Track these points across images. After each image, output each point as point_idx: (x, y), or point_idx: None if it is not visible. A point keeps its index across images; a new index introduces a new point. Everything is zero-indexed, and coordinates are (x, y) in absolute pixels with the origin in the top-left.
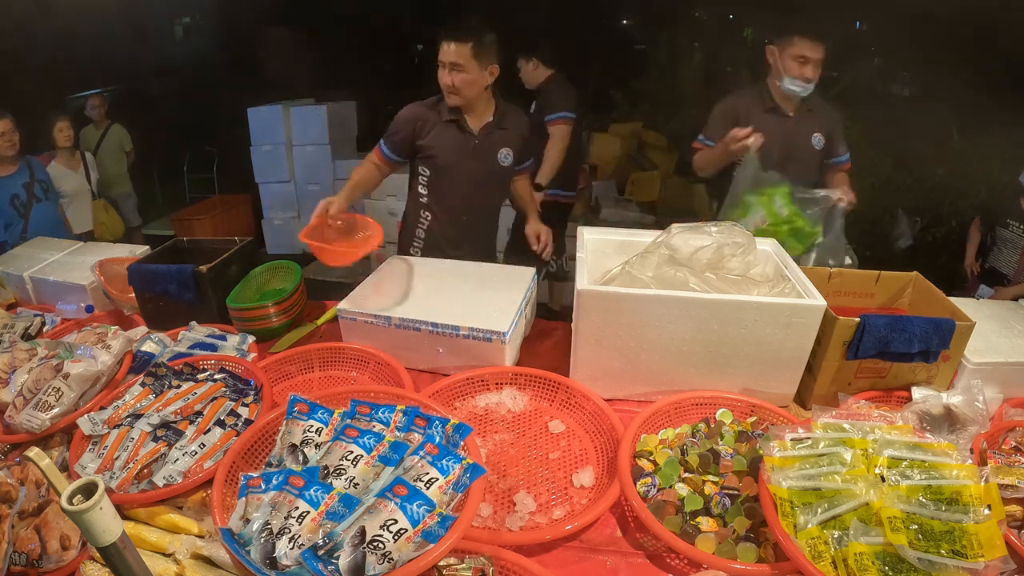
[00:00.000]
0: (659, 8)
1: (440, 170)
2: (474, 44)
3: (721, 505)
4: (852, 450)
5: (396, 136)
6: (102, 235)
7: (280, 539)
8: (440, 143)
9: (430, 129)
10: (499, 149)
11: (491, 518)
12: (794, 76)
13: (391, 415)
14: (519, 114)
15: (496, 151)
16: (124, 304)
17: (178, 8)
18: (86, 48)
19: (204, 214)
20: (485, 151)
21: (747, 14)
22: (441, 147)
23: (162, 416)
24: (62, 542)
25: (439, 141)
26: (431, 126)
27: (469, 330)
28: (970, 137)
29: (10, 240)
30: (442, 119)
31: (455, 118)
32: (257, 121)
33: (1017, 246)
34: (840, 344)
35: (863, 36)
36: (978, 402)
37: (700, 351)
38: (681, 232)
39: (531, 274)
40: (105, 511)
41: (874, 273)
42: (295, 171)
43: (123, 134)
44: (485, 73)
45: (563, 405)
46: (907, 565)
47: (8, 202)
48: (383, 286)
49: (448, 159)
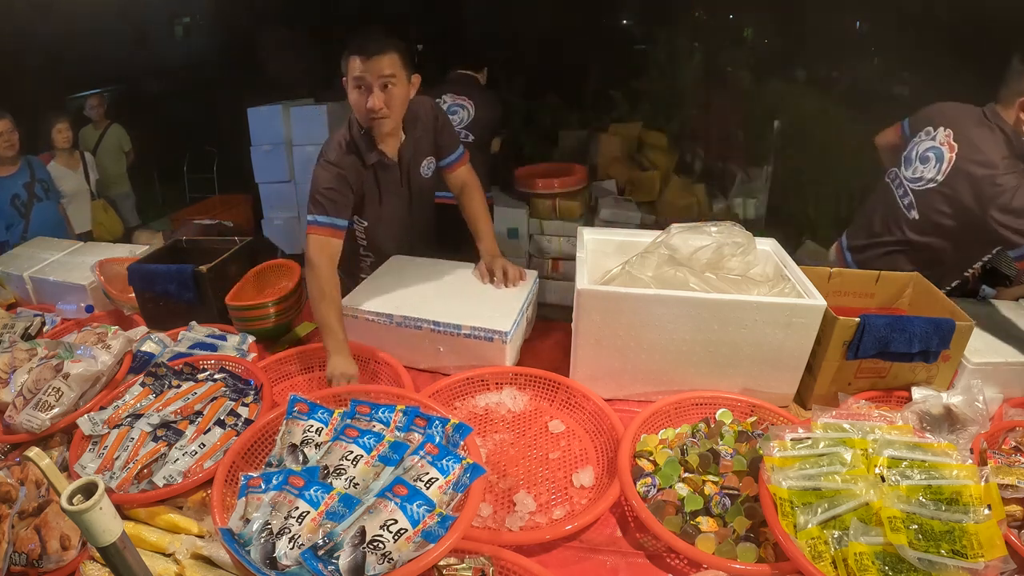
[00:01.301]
0: (659, 8)
1: (377, 215)
2: (402, 52)
3: (721, 505)
4: (852, 450)
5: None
6: (101, 235)
7: (280, 539)
8: (373, 190)
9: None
10: (419, 164)
11: (491, 518)
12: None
13: (391, 415)
14: (418, 106)
15: (418, 167)
16: (124, 304)
17: (178, 8)
18: (86, 48)
19: (204, 214)
20: (409, 174)
21: (747, 14)
22: (375, 194)
23: (162, 416)
24: (62, 542)
25: (371, 188)
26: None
27: (471, 329)
28: None
29: (11, 240)
30: (367, 163)
31: (376, 159)
32: (257, 121)
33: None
34: (840, 344)
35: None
36: (978, 402)
37: (700, 351)
38: (681, 232)
39: (532, 276)
40: (105, 511)
41: (874, 273)
42: (295, 171)
43: (122, 134)
44: (411, 86)
45: (563, 405)
46: (907, 565)
47: (9, 202)
48: (383, 285)
49: (385, 201)
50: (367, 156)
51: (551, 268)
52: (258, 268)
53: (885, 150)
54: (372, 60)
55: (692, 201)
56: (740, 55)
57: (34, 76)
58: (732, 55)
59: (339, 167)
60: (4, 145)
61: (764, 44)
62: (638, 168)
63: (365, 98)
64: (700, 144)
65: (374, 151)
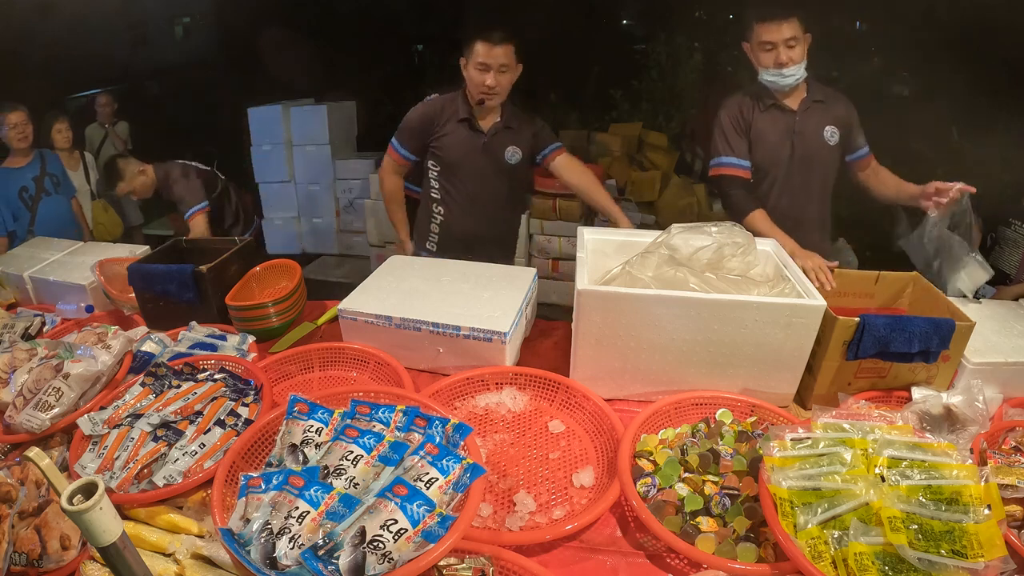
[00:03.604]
0: (659, 8)
1: (449, 165)
2: (516, 44)
3: (721, 505)
4: (852, 450)
5: (412, 135)
6: (101, 235)
7: (280, 539)
8: (451, 140)
9: (443, 126)
10: (506, 147)
11: (491, 518)
12: (768, 67)
13: (391, 415)
14: (524, 117)
15: (503, 150)
16: (124, 304)
17: (178, 8)
18: (85, 48)
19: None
20: (492, 149)
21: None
22: (452, 144)
23: (162, 416)
24: (62, 542)
25: (450, 139)
26: (444, 124)
27: (470, 330)
28: (970, 137)
29: (19, 231)
30: (457, 117)
31: (467, 116)
32: (257, 121)
33: (1018, 245)
34: (840, 344)
35: (863, 36)
36: (978, 402)
37: (700, 351)
38: (681, 232)
39: (532, 274)
40: (105, 511)
41: (874, 273)
42: (295, 171)
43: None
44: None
45: (563, 405)
46: (907, 565)
47: (17, 194)
48: (383, 286)
49: (457, 155)
50: (459, 111)
51: (551, 268)
52: (258, 268)
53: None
54: (496, 47)
55: (692, 201)
56: (740, 55)
57: (33, 76)
58: (732, 55)
59: (426, 109)
60: (17, 137)
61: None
62: (638, 168)
63: (483, 77)
64: (700, 144)
65: (466, 111)
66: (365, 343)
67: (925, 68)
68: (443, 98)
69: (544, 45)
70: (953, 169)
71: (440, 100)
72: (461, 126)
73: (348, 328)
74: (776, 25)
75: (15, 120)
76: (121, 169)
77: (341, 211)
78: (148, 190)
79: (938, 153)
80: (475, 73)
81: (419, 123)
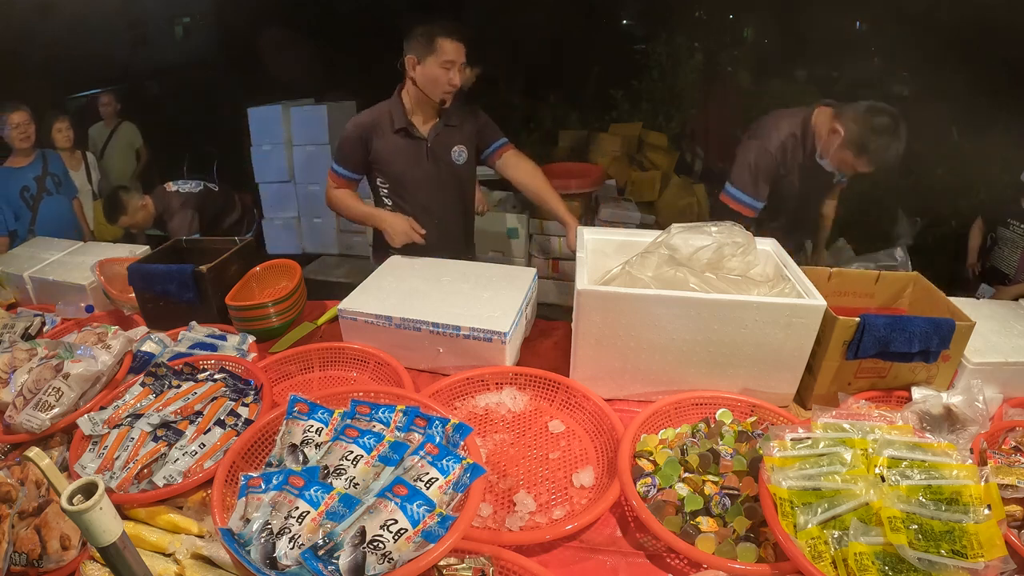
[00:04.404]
0: (659, 8)
1: (396, 179)
2: (468, 42)
3: (721, 505)
4: (852, 450)
5: (352, 154)
6: (102, 235)
7: (280, 539)
8: (391, 154)
9: (379, 140)
10: (451, 148)
11: (491, 518)
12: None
13: (391, 415)
14: (466, 111)
15: (448, 151)
16: (124, 304)
17: (178, 8)
18: (85, 48)
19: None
20: (437, 154)
21: (747, 14)
22: (392, 157)
23: (162, 416)
24: (62, 542)
25: (390, 152)
26: (380, 137)
27: (470, 330)
28: (970, 137)
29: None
30: (392, 128)
31: (404, 126)
32: (257, 121)
33: (1018, 245)
34: (840, 344)
35: (863, 36)
36: (978, 402)
37: (700, 351)
38: (681, 232)
39: (532, 274)
40: (105, 511)
41: (874, 273)
42: (295, 171)
43: (133, 132)
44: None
45: (563, 405)
46: (907, 565)
47: (18, 193)
48: (383, 286)
49: (401, 167)
50: (395, 122)
51: (551, 268)
52: (258, 268)
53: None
54: (459, 44)
55: (692, 201)
56: (740, 55)
57: (34, 76)
58: (732, 55)
59: (355, 127)
60: (20, 136)
61: (764, 44)
62: (638, 168)
63: (449, 75)
64: (700, 144)
65: (404, 120)
66: (365, 343)
67: (925, 68)
68: (372, 111)
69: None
70: (953, 169)
71: (369, 114)
72: (398, 136)
73: (348, 328)
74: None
75: (17, 120)
76: (124, 203)
77: None
78: (148, 222)
79: (938, 153)
80: (439, 72)
81: (354, 142)
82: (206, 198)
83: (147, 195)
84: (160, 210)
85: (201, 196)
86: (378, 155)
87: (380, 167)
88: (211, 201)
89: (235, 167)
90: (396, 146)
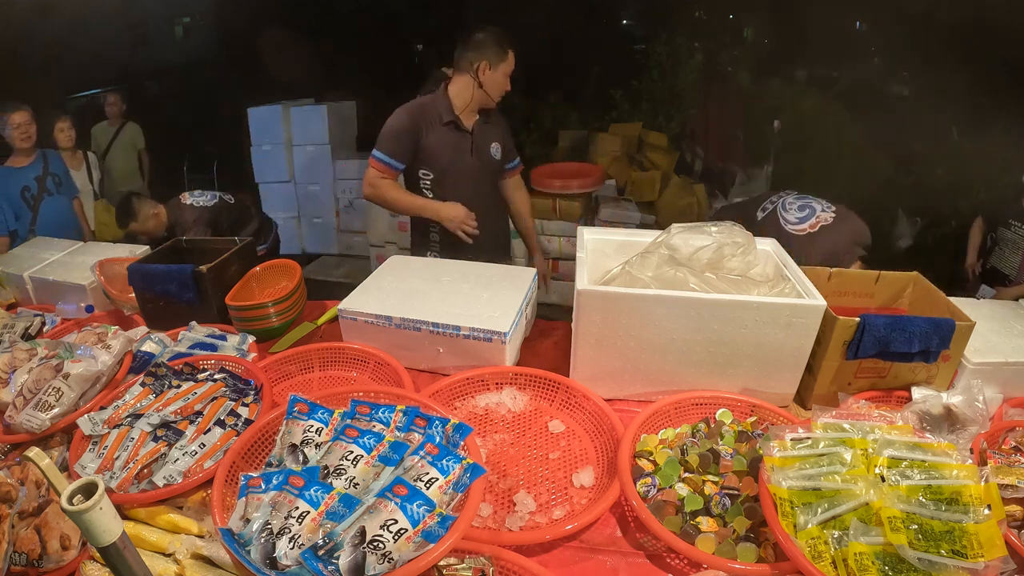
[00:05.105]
0: (659, 8)
1: (441, 171)
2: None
3: (721, 505)
4: (852, 450)
5: (399, 142)
6: (103, 235)
7: (280, 539)
8: (439, 144)
9: (428, 131)
10: (490, 144)
11: (491, 518)
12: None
13: (391, 415)
14: (495, 111)
15: (488, 146)
16: (124, 304)
17: (178, 8)
18: (86, 48)
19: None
20: (479, 148)
21: (747, 14)
22: (440, 148)
23: (162, 416)
24: (62, 542)
25: (438, 142)
26: (428, 128)
27: (470, 330)
28: (970, 137)
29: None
30: (441, 121)
31: (452, 119)
32: (257, 121)
33: (1018, 246)
34: (840, 344)
35: (863, 36)
36: (978, 402)
37: (700, 351)
38: (681, 232)
39: (532, 274)
40: (105, 511)
41: (874, 273)
42: (295, 171)
43: (137, 132)
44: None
45: (563, 405)
46: (907, 565)
47: (19, 193)
48: (383, 286)
49: (447, 158)
50: (443, 115)
51: (551, 268)
52: (258, 268)
53: None
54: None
55: (692, 201)
56: (740, 55)
57: (34, 76)
58: (732, 55)
59: (408, 116)
60: (21, 136)
61: (764, 44)
62: (638, 168)
63: (507, 84)
64: (700, 144)
65: (452, 114)
66: (365, 343)
67: (925, 68)
68: (419, 103)
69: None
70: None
71: (418, 106)
72: (447, 129)
73: (348, 328)
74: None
75: (19, 120)
76: (136, 210)
77: (341, 211)
78: (159, 231)
79: (938, 153)
80: (503, 79)
81: (407, 131)
82: (220, 212)
83: (161, 204)
84: (172, 221)
85: (215, 210)
86: (427, 146)
87: (426, 158)
88: (225, 215)
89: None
90: (445, 138)
